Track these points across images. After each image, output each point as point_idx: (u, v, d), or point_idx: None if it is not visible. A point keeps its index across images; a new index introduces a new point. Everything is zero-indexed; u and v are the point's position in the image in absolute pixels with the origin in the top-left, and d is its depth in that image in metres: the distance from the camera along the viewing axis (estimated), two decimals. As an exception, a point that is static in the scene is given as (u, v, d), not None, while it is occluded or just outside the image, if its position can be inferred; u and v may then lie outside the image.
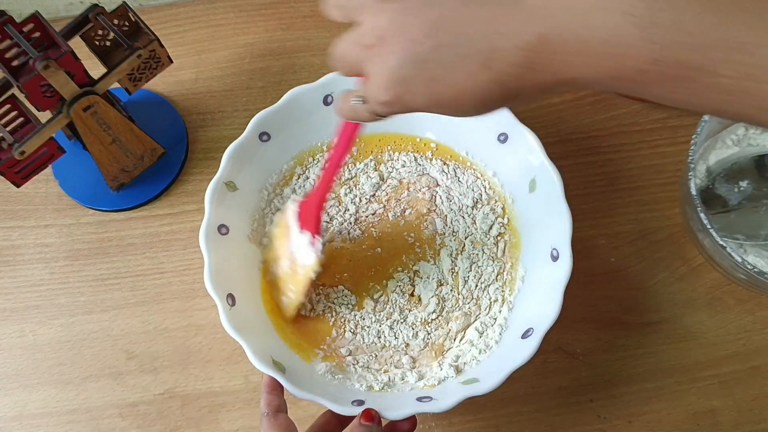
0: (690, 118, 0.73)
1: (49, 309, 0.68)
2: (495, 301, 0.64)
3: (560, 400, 0.65)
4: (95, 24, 0.61)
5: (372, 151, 0.69)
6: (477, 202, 0.67)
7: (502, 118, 0.65)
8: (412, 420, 0.56)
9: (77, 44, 0.61)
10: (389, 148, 0.69)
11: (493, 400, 0.64)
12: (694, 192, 0.61)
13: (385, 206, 0.67)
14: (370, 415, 0.54)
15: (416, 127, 0.69)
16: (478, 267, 0.65)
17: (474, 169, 0.67)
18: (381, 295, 0.64)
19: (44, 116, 0.61)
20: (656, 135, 0.73)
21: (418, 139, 0.69)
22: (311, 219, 0.60)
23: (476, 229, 0.66)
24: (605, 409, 0.65)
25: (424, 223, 0.66)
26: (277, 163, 0.67)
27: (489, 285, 0.64)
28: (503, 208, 0.66)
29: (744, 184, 0.67)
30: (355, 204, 0.67)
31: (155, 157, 0.71)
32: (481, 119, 0.66)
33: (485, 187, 0.67)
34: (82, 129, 0.62)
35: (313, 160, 0.68)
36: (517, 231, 0.66)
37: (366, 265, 0.65)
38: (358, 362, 0.62)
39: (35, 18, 0.58)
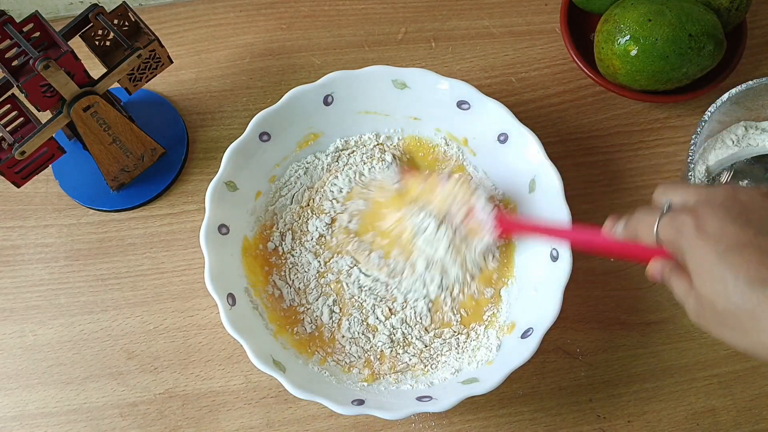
0: (690, 118, 0.73)
1: (49, 309, 0.68)
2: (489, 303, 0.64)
3: (560, 400, 0.65)
4: (95, 24, 0.61)
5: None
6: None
7: (502, 119, 0.65)
8: None
9: (77, 44, 0.61)
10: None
11: (492, 400, 0.64)
12: (693, 192, 0.61)
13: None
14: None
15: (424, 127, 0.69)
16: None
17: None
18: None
19: (44, 116, 0.61)
20: (656, 135, 0.73)
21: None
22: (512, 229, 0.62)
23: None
24: (605, 409, 0.65)
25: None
26: (277, 163, 0.67)
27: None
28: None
29: (743, 184, 0.67)
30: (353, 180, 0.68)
31: (155, 157, 0.71)
32: (481, 119, 0.66)
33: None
34: (82, 129, 0.62)
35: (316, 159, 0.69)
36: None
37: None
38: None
39: (35, 18, 0.58)
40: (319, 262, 0.65)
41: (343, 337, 0.63)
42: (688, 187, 0.47)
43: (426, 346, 0.63)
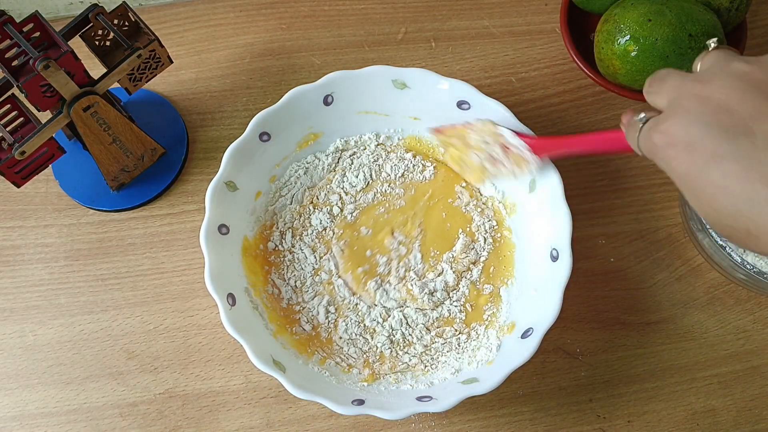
0: (690, 118, 0.73)
1: (49, 309, 0.68)
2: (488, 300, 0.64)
3: (560, 400, 0.65)
4: (95, 24, 0.61)
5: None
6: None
7: (502, 118, 0.65)
8: None
9: (77, 44, 0.61)
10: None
11: (492, 400, 0.64)
12: (693, 192, 0.61)
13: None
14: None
15: (420, 127, 0.69)
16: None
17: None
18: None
19: (44, 116, 0.61)
20: (656, 135, 0.73)
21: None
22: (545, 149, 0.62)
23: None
24: (605, 409, 0.65)
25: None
26: (277, 163, 0.67)
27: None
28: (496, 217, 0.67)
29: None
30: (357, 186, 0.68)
31: (155, 157, 0.71)
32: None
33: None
34: (82, 129, 0.62)
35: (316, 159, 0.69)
36: (509, 235, 0.66)
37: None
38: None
39: (35, 18, 0.58)
40: (315, 257, 0.66)
41: (341, 338, 0.63)
42: (666, 82, 0.43)
43: (426, 347, 0.63)
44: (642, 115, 0.44)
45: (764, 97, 0.38)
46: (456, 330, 0.63)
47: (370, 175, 0.68)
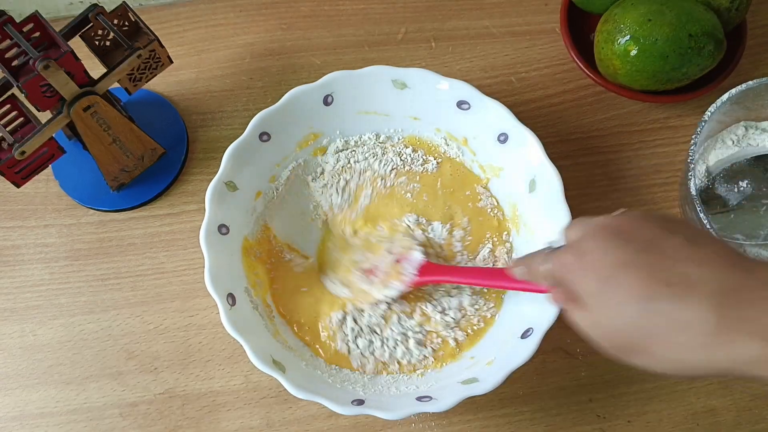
0: (690, 118, 0.73)
1: (49, 309, 0.68)
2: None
3: (560, 400, 0.65)
4: (95, 24, 0.61)
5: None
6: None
7: (502, 118, 0.65)
8: None
9: (77, 44, 0.61)
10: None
11: (492, 400, 0.64)
12: (693, 192, 0.61)
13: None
14: None
15: (424, 127, 0.69)
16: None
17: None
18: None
19: (44, 116, 0.61)
20: (656, 135, 0.73)
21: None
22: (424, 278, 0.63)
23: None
24: (605, 409, 0.65)
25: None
26: (277, 163, 0.67)
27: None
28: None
29: (743, 184, 0.67)
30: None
31: (155, 157, 0.71)
32: (481, 119, 0.66)
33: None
34: (83, 129, 0.62)
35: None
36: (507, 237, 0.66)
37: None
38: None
39: (35, 18, 0.58)
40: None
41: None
42: (580, 222, 0.48)
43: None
44: (550, 243, 0.51)
45: (659, 225, 0.43)
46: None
47: (398, 166, 0.69)
